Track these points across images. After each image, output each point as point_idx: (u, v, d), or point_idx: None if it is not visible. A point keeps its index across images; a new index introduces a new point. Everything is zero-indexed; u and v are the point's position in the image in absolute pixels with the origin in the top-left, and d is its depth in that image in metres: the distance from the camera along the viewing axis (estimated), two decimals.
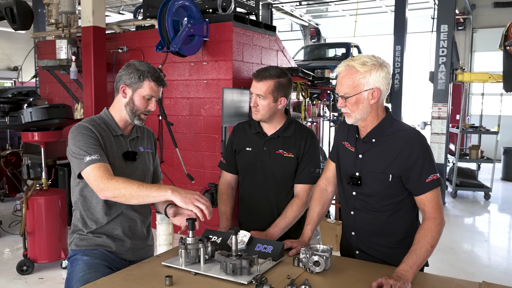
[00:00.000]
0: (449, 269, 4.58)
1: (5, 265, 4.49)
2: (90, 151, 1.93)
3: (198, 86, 5.28)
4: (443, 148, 7.19)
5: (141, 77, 2.05)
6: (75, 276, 1.95)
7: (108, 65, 5.83)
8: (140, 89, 2.06)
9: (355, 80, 1.85)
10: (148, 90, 2.06)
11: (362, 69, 1.84)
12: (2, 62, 16.87)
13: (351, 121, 1.93)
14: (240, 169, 2.45)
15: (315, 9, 14.91)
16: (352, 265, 1.95)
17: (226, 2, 5.16)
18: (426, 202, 1.83)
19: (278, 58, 5.94)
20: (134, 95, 2.07)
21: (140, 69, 2.06)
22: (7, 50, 16.44)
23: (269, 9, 11.59)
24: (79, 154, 1.94)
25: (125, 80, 2.07)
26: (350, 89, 1.86)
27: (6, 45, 16.58)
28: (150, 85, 2.06)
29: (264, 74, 2.26)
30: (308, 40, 15.81)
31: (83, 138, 1.97)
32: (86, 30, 5.40)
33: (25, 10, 4.22)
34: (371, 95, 1.86)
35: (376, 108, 1.90)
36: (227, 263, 1.78)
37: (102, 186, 1.87)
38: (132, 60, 2.15)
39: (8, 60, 16.92)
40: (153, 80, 2.07)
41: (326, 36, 16.01)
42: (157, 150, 2.37)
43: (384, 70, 1.85)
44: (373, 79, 1.84)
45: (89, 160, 1.91)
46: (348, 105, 1.89)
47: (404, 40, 9.88)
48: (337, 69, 1.91)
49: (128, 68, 2.08)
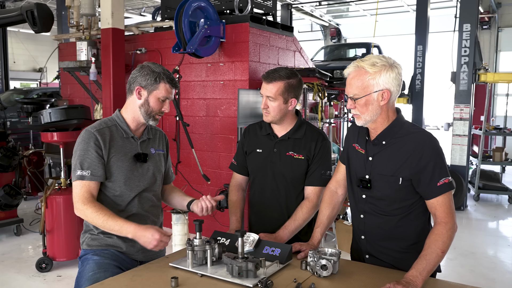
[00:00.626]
0: (468, 275, 4.47)
1: (25, 262, 4.59)
2: (83, 165, 2.00)
3: (214, 87, 5.29)
4: (465, 150, 7.03)
5: (157, 79, 2.06)
6: (85, 275, 1.98)
7: (127, 66, 5.90)
8: (156, 91, 2.07)
9: (365, 81, 1.81)
10: (164, 92, 2.08)
11: (371, 70, 1.80)
12: (28, 64, 17.32)
13: (361, 123, 1.90)
14: (251, 171, 2.44)
15: (336, 9, 14.81)
16: (361, 270, 1.91)
17: (243, 3, 5.15)
18: (437, 206, 1.78)
19: (296, 58, 5.91)
20: (150, 96, 2.08)
21: (156, 71, 2.07)
22: (32, 52, 16.86)
23: (288, 10, 11.54)
24: (74, 164, 2.02)
25: (140, 82, 2.08)
26: (360, 90, 1.82)
27: (32, 47, 17.02)
28: (165, 87, 2.08)
29: (274, 75, 2.24)
30: (329, 40, 15.69)
31: (84, 148, 2.01)
32: (105, 32, 5.48)
33: (45, 13, 4.30)
34: (381, 97, 1.82)
35: (386, 110, 1.87)
36: (233, 265, 1.78)
37: (76, 206, 2.00)
38: (146, 62, 2.16)
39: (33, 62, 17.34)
40: (168, 82, 2.09)
41: (347, 36, 15.87)
42: (169, 152, 2.38)
43: (394, 71, 1.81)
44: (383, 80, 1.80)
45: (78, 175, 2.00)
46: (357, 107, 1.86)
47: (426, 39, 9.68)
48: (347, 70, 1.88)
49: (143, 70, 2.09)
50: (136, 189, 2.10)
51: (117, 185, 2.06)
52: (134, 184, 2.09)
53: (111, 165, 2.05)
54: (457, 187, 6.87)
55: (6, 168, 5.15)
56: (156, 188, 2.21)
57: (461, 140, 7.07)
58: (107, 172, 2.04)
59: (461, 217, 6.78)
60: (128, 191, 2.08)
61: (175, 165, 5.62)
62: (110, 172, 2.05)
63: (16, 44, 16.67)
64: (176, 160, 5.63)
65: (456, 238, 1.72)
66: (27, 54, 17.31)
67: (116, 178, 2.06)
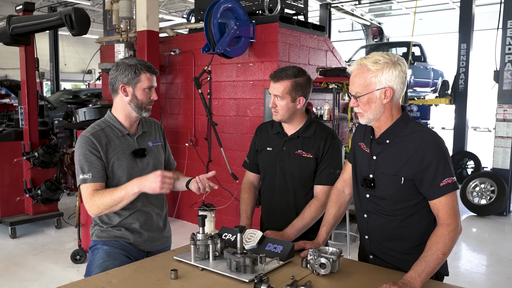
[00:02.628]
0: (504, 283, 4.26)
1: (62, 253, 4.84)
2: (84, 169, 2.08)
3: (244, 87, 5.35)
4: (508, 153, 6.69)
5: (137, 71, 2.12)
6: (95, 262, 2.08)
7: (162, 67, 6.08)
8: (139, 83, 2.14)
9: (367, 79, 1.79)
10: (147, 81, 2.15)
11: (373, 68, 1.78)
12: (78, 66, 18.19)
13: (364, 121, 1.88)
14: (261, 169, 2.46)
15: (378, 8, 14.51)
16: (362, 270, 1.89)
17: (273, 4, 5.18)
18: (440, 207, 1.73)
19: (327, 58, 5.86)
20: (135, 90, 2.14)
21: (132, 63, 2.13)
22: (82, 54, 17.69)
23: (327, 9, 11.44)
24: (77, 168, 2.11)
25: (122, 80, 2.14)
26: (362, 88, 1.81)
27: (81, 49, 17.86)
28: (146, 76, 2.14)
29: (281, 74, 2.25)
30: (370, 39, 15.39)
31: (82, 152, 2.09)
32: (140, 34, 5.68)
33: (82, 16, 4.50)
34: (383, 95, 1.79)
35: (390, 108, 1.83)
36: (231, 260, 1.81)
37: (87, 207, 2.08)
38: (120, 59, 2.23)
39: (83, 64, 18.17)
40: (147, 71, 2.15)
41: (389, 35, 15.51)
42: (166, 140, 2.44)
43: (397, 69, 1.78)
44: (385, 78, 1.77)
45: (82, 178, 2.08)
46: (360, 105, 1.84)
47: (470, 38, 9.30)
48: (350, 68, 1.87)
49: (120, 67, 2.14)
50: None
51: (121, 182, 2.13)
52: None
53: (112, 164, 2.13)
54: (500, 192, 6.58)
55: (47, 164, 5.45)
56: None
57: (504, 142, 6.74)
58: (109, 172, 2.13)
59: (503, 223, 6.48)
60: None
61: (206, 164, 5.73)
62: (112, 172, 2.13)
63: (67, 47, 17.56)
64: (207, 159, 5.73)
65: (495, 244, 1.63)
66: (77, 56, 18.19)
67: (119, 176, 2.14)
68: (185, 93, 6.00)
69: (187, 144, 5.92)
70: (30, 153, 5.36)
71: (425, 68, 9.65)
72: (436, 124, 20.00)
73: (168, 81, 6.17)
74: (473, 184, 6.88)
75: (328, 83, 5.02)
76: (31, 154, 5.35)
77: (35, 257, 4.74)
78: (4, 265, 4.51)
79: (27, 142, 5.39)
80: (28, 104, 5.41)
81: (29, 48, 5.38)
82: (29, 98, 5.41)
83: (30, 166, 5.40)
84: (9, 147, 5.41)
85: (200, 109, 5.73)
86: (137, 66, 2.12)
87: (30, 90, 5.42)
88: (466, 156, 9.18)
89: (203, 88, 5.59)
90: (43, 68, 16.84)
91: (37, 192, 5.39)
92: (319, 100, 5.75)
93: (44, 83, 18.58)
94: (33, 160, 5.36)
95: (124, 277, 1.81)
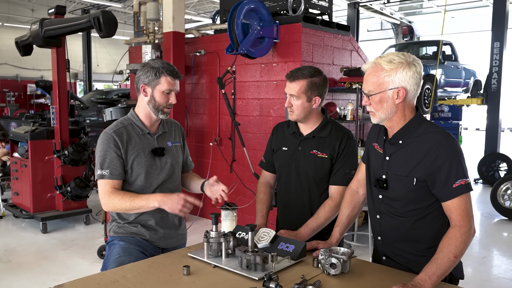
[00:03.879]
0: None
1: (89, 249, 4.99)
2: (103, 164, 2.15)
3: (268, 87, 5.37)
4: None
5: (157, 74, 2.17)
6: (111, 257, 2.15)
7: (187, 68, 6.17)
8: (158, 85, 2.19)
9: (380, 78, 1.78)
10: (166, 84, 2.19)
11: (387, 67, 1.77)
12: (109, 67, 18.63)
13: (376, 121, 1.87)
14: (277, 169, 2.48)
15: (408, 6, 14.23)
16: (373, 271, 1.88)
17: (297, 4, 5.18)
18: (452, 208, 1.70)
19: (352, 58, 5.81)
20: (154, 92, 2.20)
21: (155, 66, 2.18)
22: (113, 55, 18.11)
23: (355, 8, 11.31)
24: (96, 163, 2.19)
25: (143, 80, 2.20)
26: (374, 87, 1.80)
27: (113, 51, 18.29)
28: (166, 80, 2.19)
29: (297, 74, 2.26)
30: (400, 38, 15.12)
31: (103, 149, 2.16)
32: (167, 35, 5.79)
33: (110, 19, 4.63)
34: (396, 95, 1.78)
35: (403, 108, 1.82)
36: (242, 258, 1.84)
37: (102, 202, 2.17)
38: (148, 60, 2.29)
39: (114, 65, 18.60)
40: (168, 75, 2.19)
41: (420, 34, 15.18)
42: (185, 142, 2.49)
43: (412, 69, 1.76)
44: (399, 78, 1.76)
45: (99, 174, 2.16)
46: (372, 104, 1.83)
47: (503, 36, 9.01)
48: (364, 66, 1.86)
49: (144, 68, 2.21)
50: (156, 182, 2.24)
51: (139, 180, 2.21)
52: (154, 177, 2.23)
53: (131, 161, 2.19)
54: None
55: (77, 162, 5.63)
56: (175, 179, 2.34)
57: None
58: (128, 168, 2.19)
59: None
60: (149, 185, 2.23)
61: (230, 163, 5.78)
62: (131, 169, 2.20)
63: (99, 49, 18.01)
64: (231, 158, 5.79)
65: None
66: (109, 57, 18.64)
67: (137, 173, 2.20)
68: (210, 93, 6.07)
69: (211, 144, 5.99)
70: (60, 151, 5.55)
71: (456, 67, 9.40)
72: (470, 125, 19.44)
73: (193, 81, 6.26)
74: (505, 187, 6.66)
75: (352, 83, 4.98)
76: (62, 152, 5.54)
77: (64, 252, 4.91)
78: (35, 259, 4.69)
79: (58, 140, 5.59)
80: (59, 104, 5.60)
81: (61, 50, 5.57)
82: (60, 98, 5.61)
83: (61, 164, 5.60)
84: (41, 145, 5.63)
85: (224, 109, 5.79)
86: (159, 69, 2.18)
87: (61, 91, 5.61)
88: (498, 158, 8.91)
89: (228, 88, 5.65)
90: (76, 69, 17.39)
91: (67, 189, 5.57)
92: (343, 100, 5.71)
93: (77, 83, 19.18)
94: (64, 158, 5.55)
95: (138, 271, 1.86)
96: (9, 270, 4.37)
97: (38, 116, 6.81)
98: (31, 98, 17.02)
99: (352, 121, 4.97)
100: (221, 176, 5.62)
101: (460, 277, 1.88)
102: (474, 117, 15.63)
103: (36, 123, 6.11)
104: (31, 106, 16.40)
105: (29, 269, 4.40)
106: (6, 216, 6.27)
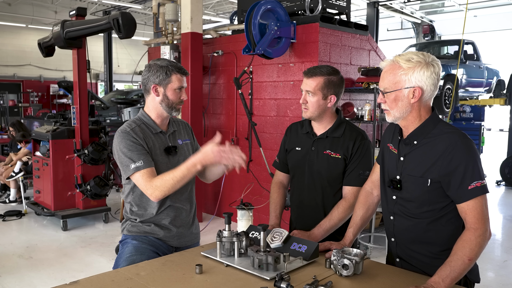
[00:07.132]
0: None
1: (108, 246, 5.07)
2: (134, 157, 2.13)
3: (285, 87, 5.37)
4: None
5: (168, 73, 2.20)
6: (123, 256, 2.18)
7: (205, 68, 6.21)
8: (170, 84, 2.21)
9: (397, 76, 1.77)
10: (177, 82, 2.22)
11: (405, 66, 1.75)
12: (130, 67, 18.88)
13: (390, 119, 1.85)
14: (290, 169, 2.47)
15: (429, 5, 14.01)
16: (387, 272, 1.86)
17: (314, 4, 5.16)
18: (467, 211, 1.67)
19: (370, 57, 5.76)
20: (166, 90, 2.22)
21: (163, 65, 2.21)
22: (134, 56, 18.32)
23: (375, 8, 11.20)
24: (124, 160, 2.15)
25: (153, 80, 2.21)
26: (390, 84, 1.78)
27: (133, 51, 18.52)
28: (177, 77, 2.22)
29: (315, 71, 2.27)
30: (421, 38, 14.90)
31: (127, 144, 2.15)
32: (185, 36, 5.84)
33: (129, 20, 4.70)
34: (411, 94, 1.76)
35: (418, 108, 1.79)
36: (254, 258, 1.84)
37: (148, 192, 2.12)
38: (151, 60, 2.31)
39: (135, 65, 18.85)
40: (178, 72, 2.22)
41: (441, 33, 14.93)
42: (195, 138, 2.50)
43: (429, 69, 1.74)
44: (416, 77, 1.74)
45: (134, 167, 2.12)
46: (387, 101, 1.81)
47: None
48: (382, 63, 1.85)
49: (152, 69, 2.22)
50: None
51: None
52: None
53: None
54: None
55: (96, 161, 5.72)
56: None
57: None
58: None
59: None
60: None
61: (246, 163, 5.79)
62: None
63: (120, 50, 18.27)
64: (248, 158, 5.80)
65: None
66: (129, 58, 18.89)
67: None
68: (227, 93, 6.10)
69: (228, 143, 6.00)
70: (80, 150, 5.65)
71: (478, 67, 9.22)
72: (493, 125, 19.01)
73: (211, 81, 6.30)
74: None
75: (370, 83, 4.94)
76: (82, 151, 5.64)
77: (83, 249, 5.00)
78: (56, 256, 4.79)
79: (78, 140, 5.70)
80: (79, 104, 5.71)
81: (81, 51, 5.67)
82: (80, 98, 5.71)
83: (81, 162, 5.70)
84: (62, 144, 5.74)
85: (241, 109, 5.80)
86: (168, 68, 2.20)
87: (81, 91, 5.72)
88: None
89: (245, 89, 5.66)
90: (97, 69, 17.68)
91: (86, 188, 5.67)
92: (361, 100, 5.66)
93: (98, 83, 19.50)
94: (83, 157, 5.65)
95: (152, 269, 1.89)
96: (30, 266, 4.48)
97: (59, 115, 6.95)
98: (54, 98, 17.41)
99: (370, 121, 4.92)
100: (238, 176, 5.64)
101: (476, 280, 1.85)
102: (499, 118, 15.29)
103: (57, 123, 6.24)
104: (54, 106, 16.77)
105: (49, 266, 4.50)
106: (28, 213, 6.42)
